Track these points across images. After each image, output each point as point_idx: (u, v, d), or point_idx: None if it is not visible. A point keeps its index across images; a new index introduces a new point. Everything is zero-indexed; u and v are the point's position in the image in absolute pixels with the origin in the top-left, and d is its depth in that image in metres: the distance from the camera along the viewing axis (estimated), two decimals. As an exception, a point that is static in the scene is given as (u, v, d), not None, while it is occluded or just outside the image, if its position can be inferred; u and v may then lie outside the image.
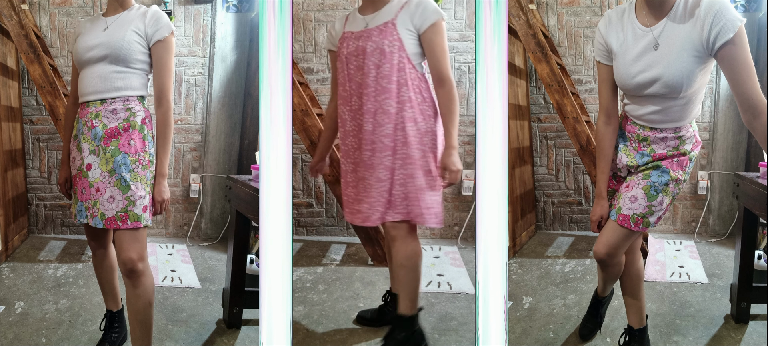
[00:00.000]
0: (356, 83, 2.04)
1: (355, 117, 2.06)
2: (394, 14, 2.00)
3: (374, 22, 2.01)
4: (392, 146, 2.01)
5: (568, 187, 3.20)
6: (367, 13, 2.05)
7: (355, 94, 2.05)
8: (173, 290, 2.64)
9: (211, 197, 3.08)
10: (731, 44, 1.63)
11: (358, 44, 2.02)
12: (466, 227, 3.09)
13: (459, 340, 2.30)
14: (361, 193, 2.07)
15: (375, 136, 2.02)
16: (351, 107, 2.07)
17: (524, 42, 2.86)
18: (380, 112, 2.00)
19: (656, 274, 2.74)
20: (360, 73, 2.02)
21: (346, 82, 2.07)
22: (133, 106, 1.95)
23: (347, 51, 2.05)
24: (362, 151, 2.04)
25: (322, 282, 2.69)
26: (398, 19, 1.99)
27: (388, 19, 2.00)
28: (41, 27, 3.05)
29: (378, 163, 2.02)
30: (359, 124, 2.04)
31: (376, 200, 2.03)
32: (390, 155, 2.01)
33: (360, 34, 2.03)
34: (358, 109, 2.04)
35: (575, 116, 2.88)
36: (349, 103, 2.07)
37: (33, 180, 3.14)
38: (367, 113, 2.02)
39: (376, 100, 2.00)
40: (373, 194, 2.03)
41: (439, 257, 2.89)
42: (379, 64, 1.99)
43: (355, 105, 2.05)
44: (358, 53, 2.02)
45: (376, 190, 2.03)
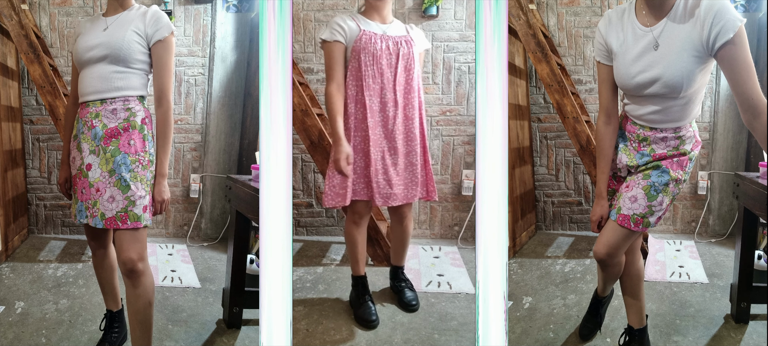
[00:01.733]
0: (387, 79, 2.29)
1: (383, 109, 2.30)
2: (405, 31, 2.37)
3: (392, 31, 2.32)
4: (419, 137, 2.37)
5: (568, 187, 3.20)
6: (376, 21, 2.32)
7: (386, 89, 2.29)
8: (173, 290, 2.64)
9: (211, 197, 3.08)
10: (731, 44, 1.63)
11: (389, 45, 2.29)
12: (466, 227, 3.09)
13: (459, 340, 2.30)
14: (393, 177, 2.34)
15: (405, 128, 2.34)
16: (381, 100, 2.30)
17: (524, 42, 2.86)
18: (409, 107, 2.34)
19: (656, 274, 2.74)
20: (390, 70, 2.30)
21: (376, 76, 2.28)
22: (133, 106, 1.95)
23: (379, 47, 2.27)
24: (393, 140, 2.32)
25: (322, 282, 2.69)
26: (411, 34, 2.36)
27: (404, 34, 2.35)
28: (41, 27, 3.05)
29: (409, 150, 2.36)
30: (390, 116, 2.30)
31: (411, 181, 2.37)
32: (418, 144, 2.36)
33: (385, 37, 2.30)
34: (391, 102, 2.30)
35: (575, 116, 2.88)
36: (380, 96, 2.30)
37: (33, 180, 3.14)
38: (399, 107, 2.31)
39: (406, 97, 2.33)
40: (408, 176, 2.37)
41: (439, 257, 2.89)
42: (409, 67, 2.33)
43: (387, 98, 2.29)
44: (390, 53, 2.29)
45: (409, 172, 2.37)
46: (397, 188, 2.35)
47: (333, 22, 2.27)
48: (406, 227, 2.50)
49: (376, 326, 2.35)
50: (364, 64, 2.27)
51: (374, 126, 2.30)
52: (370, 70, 2.28)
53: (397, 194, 2.35)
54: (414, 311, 2.48)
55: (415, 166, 2.38)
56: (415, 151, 2.36)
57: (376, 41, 2.27)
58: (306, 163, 3.12)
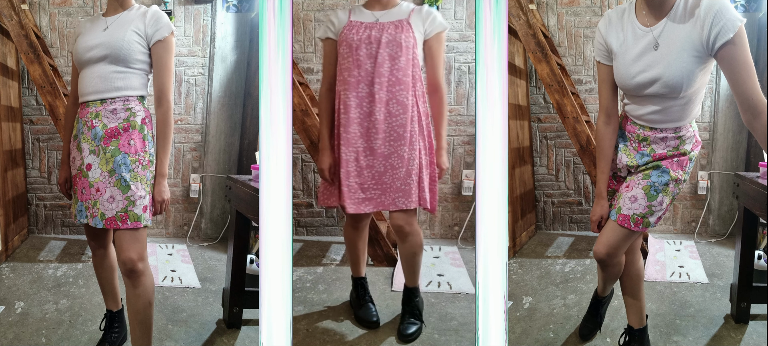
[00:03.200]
0: (366, 71, 2.08)
1: (361, 105, 2.09)
2: (406, 15, 2.10)
3: (386, 18, 2.10)
4: (408, 137, 2.09)
5: (568, 187, 3.20)
6: (375, 10, 2.13)
7: (363, 82, 2.08)
8: (173, 290, 2.64)
9: (211, 197, 3.08)
10: (731, 44, 1.63)
11: (371, 33, 2.08)
12: (466, 227, 3.09)
13: (459, 340, 2.30)
14: (367, 181, 2.11)
15: (388, 126, 2.09)
16: (358, 94, 2.09)
17: (524, 42, 2.86)
18: (394, 102, 2.08)
19: (656, 274, 2.74)
20: (371, 61, 2.07)
21: (353, 69, 2.09)
22: (133, 106, 1.95)
23: (358, 37, 2.08)
24: (371, 139, 2.10)
25: (322, 282, 2.69)
26: (411, 19, 2.09)
27: (402, 17, 2.09)
28: (41, 27, 3.05)
29: (392, 152, 2.09)
30: (367, 113, 2.09)
31: (389, 187, 2.11)
32: (405, 145, 2.09)
33: (372, 25, 2.09)
34: (367, 97, 2.08)
35: (575, 116, 2.88)
36: (356, 90, 2.09)
37: (33, 180, 3.14)
38: (378, 102, 2.08)
39: (389, 91, 2.08)
40: (385, 180, 2.11)
41: (439, 257, 2.89)
42: (395, 56, 2.06)
43: (363, 92, 2.09)
44: (370, 42, 2.07)
45: (389, 177, 2.11)
46: (371, 193, 2.11)
47: (326, 18, 2.16)
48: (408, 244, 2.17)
49: (377, 327, 2.35)
50: (341, 56, 2.11)
51: (348, 123, 2.10)
52: (346, 63, 2.10)
53: (372, 199, 2.11)
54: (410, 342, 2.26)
55: (398, 170, 2.10)
56: (401, 153, 2.09)
57: (359, 31, 2.08)
58: (306, 163, 3.12)
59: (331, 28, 2.17)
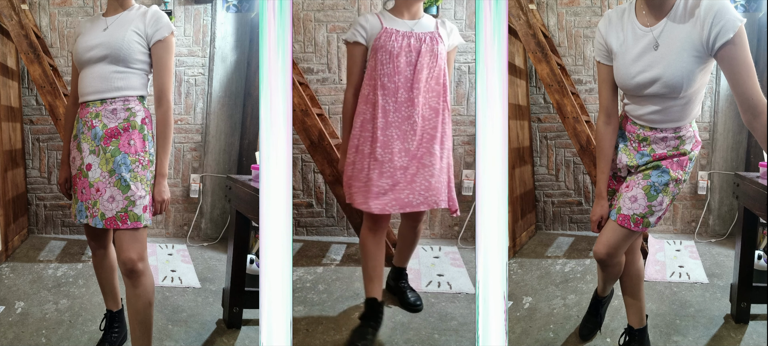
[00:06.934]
0: (405, 78, 2.16)
1: (399, 109, 2.17)
2: (434, 27, 2.22)
3: (419, 28, 2.20)
4: (440, 139, 2.21)
5: (568, 187, 3.20)
6: (405, 18, 2.21)
7: (402, 88, 2.16)
8: (173, 290, 2.64)
9: (211, 197, 3.08)
10: (731, 44, 1.63)
11: (410, 42, 2.17)
12: (466, 227, 3.09)
13: (459, 340, 2.30)
14: (400, 181, 2.17)
15: (424, 130, 2.19)
16: (396, 100, 2.17)
17: (524, 42, 2.86)
18: (427, 108, 2.19)
19: (656, 274, 2.74)
20: (410, 69, 2.17)
21: (393, 75, 2.16)
22: (133, 106, 1.95)
23: (398, 45, 2.16)
24: (406, 141, 2.18)
25: (322, 282, 2.69)
26: (440, 32, 2.21)
27: (433, 30, 2.21)
28: (41, 27, 3.05)
29: (425, 153, 2.19)
30: (405, 117, 2.17)
31: (424, 187, 2.18)
32: (438, 146, 2.20)
33: (409, 34, 2.18)
34: (405, 102, 2.17)
35: (575, 116, 2.88)
36: (395, 96, 2.17)
37: (33, 180, 3.14)
38: (416, 107, 2.17)
39: (426, 97, 2.18)
40: (419, 181, 2.19)
41: (439, 257, 2.89)
42: (431, 65, 2.18)
43: (402, 98, 2.17)
44: (410, 50, 2.17)
45: (422, 177, 2.19)
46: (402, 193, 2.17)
47: (355, 22, 2.19)
48: (418, 232, 2.40)
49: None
50: (380, 62, 2.16)
51: (385, 127, 2.17)
52: (386, 69, 2.16)
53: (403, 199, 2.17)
54: (419, 310, 2.45)
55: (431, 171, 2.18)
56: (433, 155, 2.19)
57: (397, 38, 2.16)
58: (306, 164, 3.12)
59: (361, 33, 2.19)
